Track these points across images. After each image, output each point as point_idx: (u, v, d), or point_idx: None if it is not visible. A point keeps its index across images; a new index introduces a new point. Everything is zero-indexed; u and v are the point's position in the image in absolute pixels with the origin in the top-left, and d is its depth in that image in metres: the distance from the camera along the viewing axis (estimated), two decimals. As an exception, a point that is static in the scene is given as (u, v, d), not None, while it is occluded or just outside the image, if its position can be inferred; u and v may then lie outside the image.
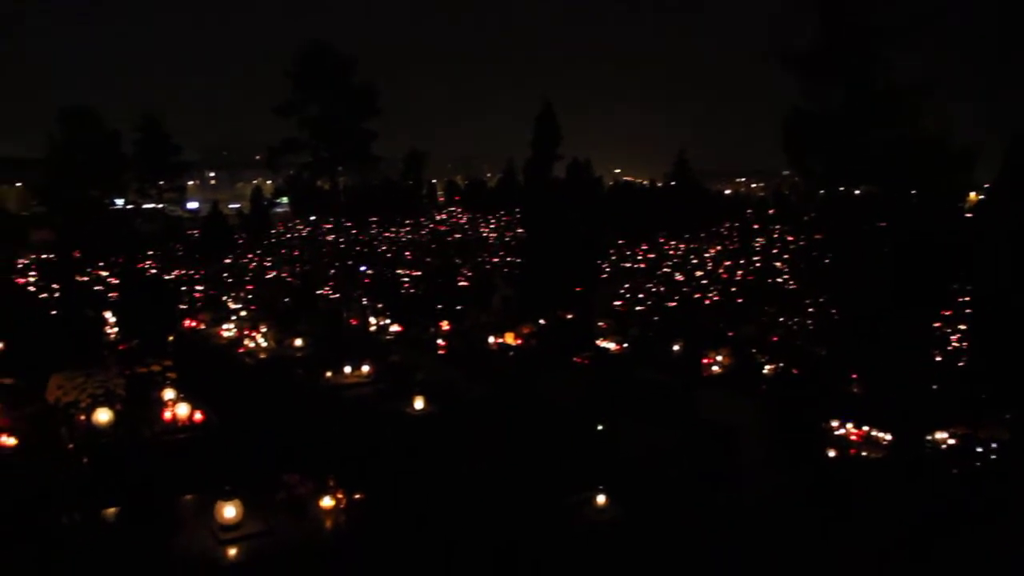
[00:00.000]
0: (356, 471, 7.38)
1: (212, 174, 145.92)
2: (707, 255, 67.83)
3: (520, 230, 65.47)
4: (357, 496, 7.02)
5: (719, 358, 20.39)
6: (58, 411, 8.77)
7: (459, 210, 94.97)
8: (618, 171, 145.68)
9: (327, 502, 6.96)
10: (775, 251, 66.17)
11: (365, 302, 31.61)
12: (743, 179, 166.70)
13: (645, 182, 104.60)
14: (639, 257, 65.78)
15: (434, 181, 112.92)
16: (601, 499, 7.81)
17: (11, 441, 8.37)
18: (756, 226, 76.98)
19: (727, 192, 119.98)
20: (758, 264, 62.63)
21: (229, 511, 6.52)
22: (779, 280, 55.26)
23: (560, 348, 17.84)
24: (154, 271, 49.95)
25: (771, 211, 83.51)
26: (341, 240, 62.92)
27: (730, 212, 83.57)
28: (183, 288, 36.96)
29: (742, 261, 63.83)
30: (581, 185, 42.32)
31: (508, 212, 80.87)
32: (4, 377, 9.28)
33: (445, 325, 19.76)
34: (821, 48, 15.92)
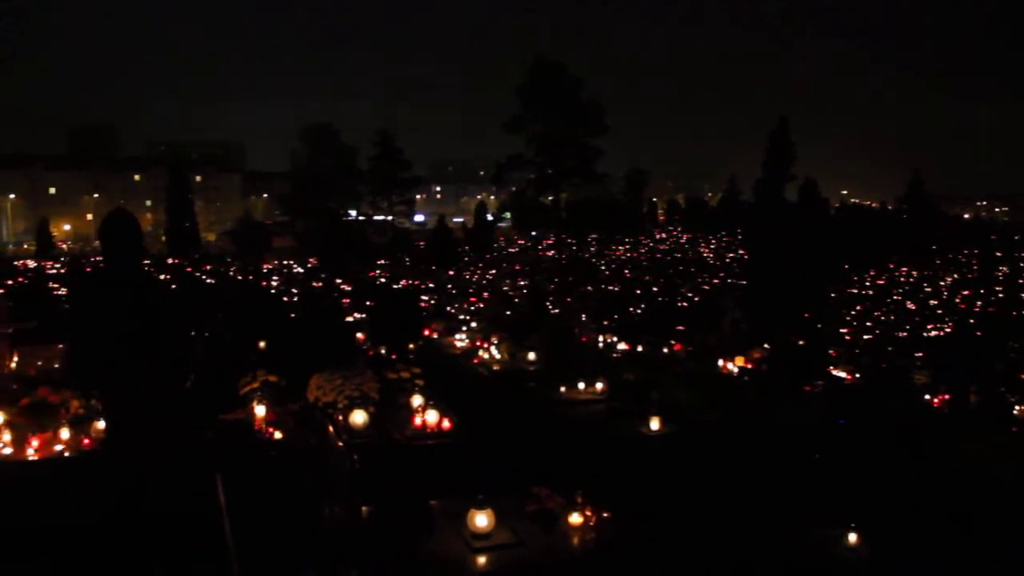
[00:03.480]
0: (601, 488, 7.32)
1: (438, 188, 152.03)
2: (942, 283, 63.86)
3: (742, 251, 64.11)
4: (605, 514, 6.94)
5: (962, 394, 19.07)
6: (319, 410, 9.26)
7: (678, 229, 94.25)
8: (845, 192, 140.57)
9: (576, 518, 6.91)
10: (1021, 281, 61.52)
11: (584, 318, 31.69)
12: (984, 202, 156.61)
13: (875, 204, 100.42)
14: (867, 283, 62.76)
15: (654, 200, 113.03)
16: (853, 537, 7.36)
17: (278, 435, 8.97)
18: (999, 253, 71.74)
19: (966, 216, 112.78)
20: (1001, 294, 58.29)
21: (481, 520, 6.59)
22: (1026, 313, 51.13)
23: (792, 374, 17.16)
24: (383, 280, 52.44)
25: (1016, 237, 77.86)
26: (563, 256, 63.87)
27: (969, 238, 78.31)
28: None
29: (982, 291, 59.64)
30: (812, 207, 40.93)
31: (729, 232, 79.38)
32: (269, 375, 9.88)
33: (677, 346, 19.48)
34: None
